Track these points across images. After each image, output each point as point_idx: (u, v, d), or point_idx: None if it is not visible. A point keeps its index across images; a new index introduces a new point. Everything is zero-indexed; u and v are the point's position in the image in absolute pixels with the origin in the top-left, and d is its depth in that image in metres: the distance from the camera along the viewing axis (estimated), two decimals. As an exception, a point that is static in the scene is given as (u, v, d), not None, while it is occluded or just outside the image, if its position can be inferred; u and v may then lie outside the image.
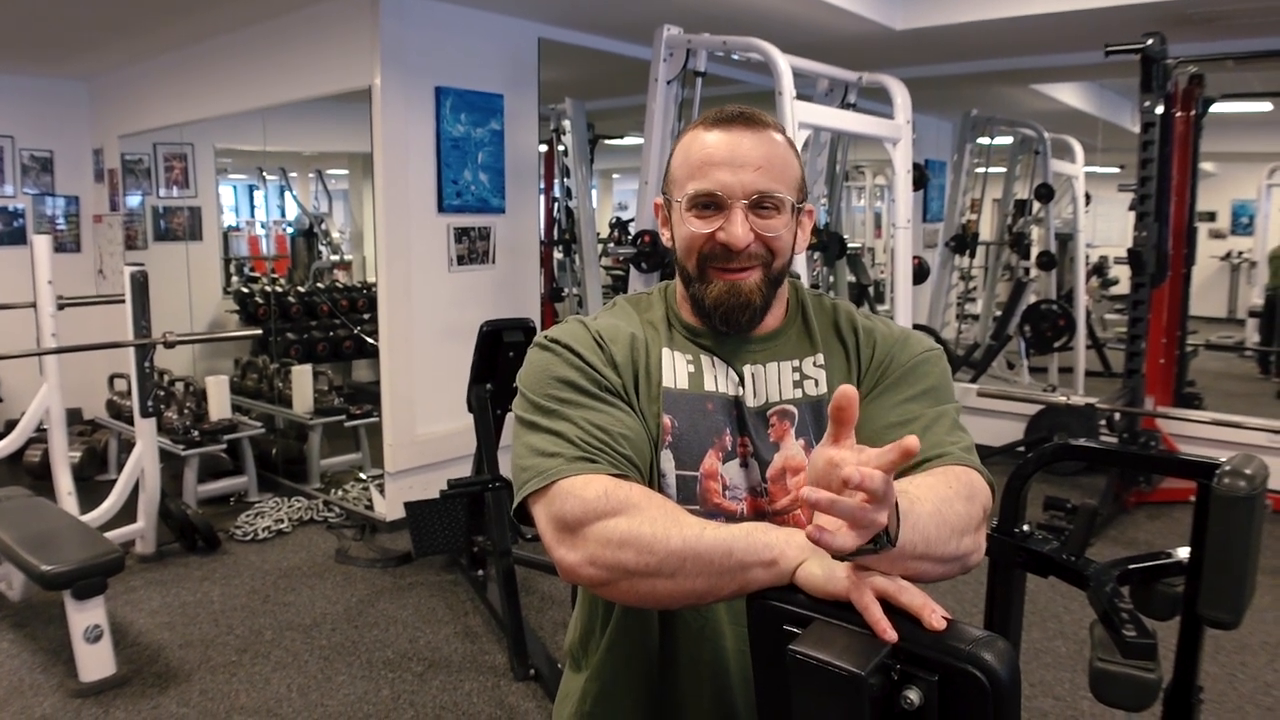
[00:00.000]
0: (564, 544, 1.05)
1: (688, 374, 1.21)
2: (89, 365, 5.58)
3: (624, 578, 1.02)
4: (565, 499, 1.05)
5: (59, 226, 6.63)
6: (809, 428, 1.19)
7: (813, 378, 1.22)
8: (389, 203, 4.49)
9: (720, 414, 1.19)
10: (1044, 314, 6.74)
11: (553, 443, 1.10)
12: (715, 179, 1.15)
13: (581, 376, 1.15)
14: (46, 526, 3.51)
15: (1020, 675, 0.90)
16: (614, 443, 1.11)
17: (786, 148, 1.18)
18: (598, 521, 1.03)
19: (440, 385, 4.65)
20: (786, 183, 1.16)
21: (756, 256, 1.16)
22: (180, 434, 5.06)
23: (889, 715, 0.88)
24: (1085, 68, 5.85)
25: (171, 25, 5.01)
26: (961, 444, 1.13)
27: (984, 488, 1.10)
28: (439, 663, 3.40)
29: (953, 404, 1.20)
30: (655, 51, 4.34)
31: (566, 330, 1.21)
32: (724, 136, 1.16)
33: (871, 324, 1.26)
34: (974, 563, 1.07)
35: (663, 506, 1.06)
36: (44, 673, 3.31)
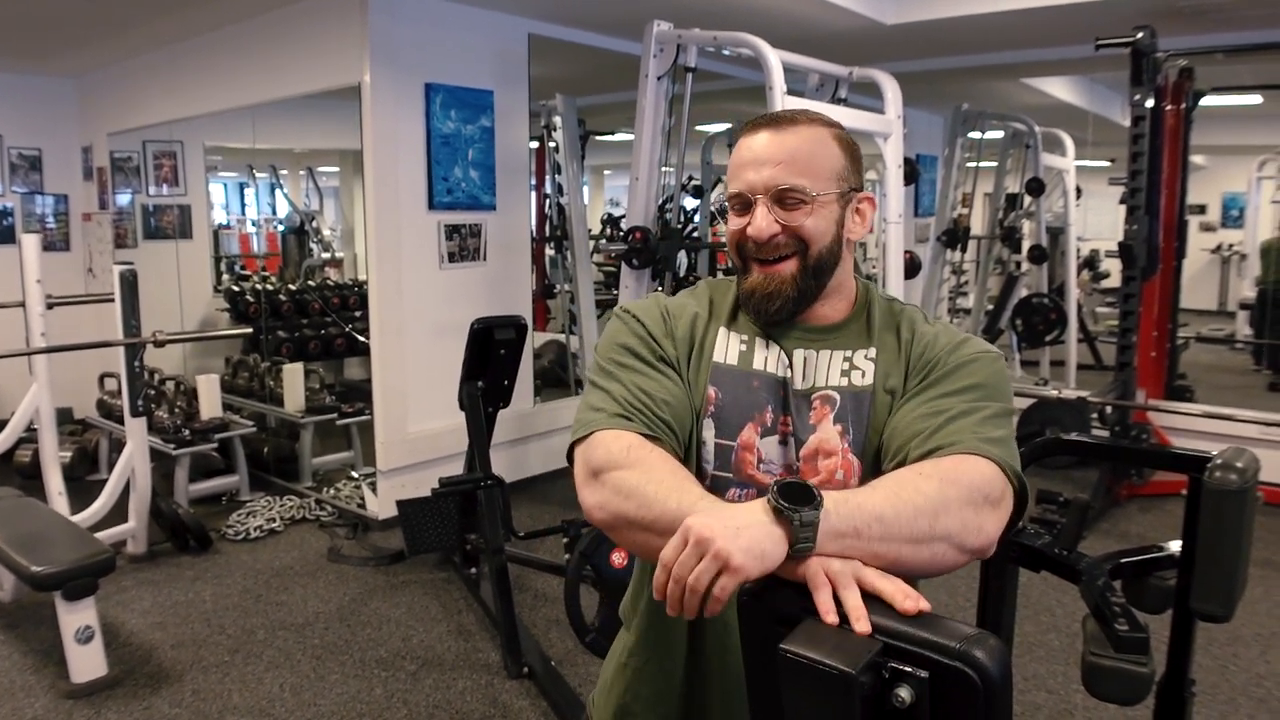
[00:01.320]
0: (587, 486, 1.17)
1: (739, 352, 1.29)
2: (79, 364, 5.55)
3: (625, 526, 1.12)
4: (596, 448, 1.18)
5: (48, 225, 6.60)
6: (848, 414, 1.23)
7: (860, 369, 1.25)
8: (379, 200, 4.47)
9: (765, 392, 1.26)
10: (1035, 308, 6.76)
11: (602, 399, 1.23)
12: (743, 179, 1.23)
13: (641, 345, 1.28)
14: (37, 527, 3.49)
15: (1012, 671, 0.90)
16: (655, 406, 1.21)
17: (820, 141, 1.23)
18: (616, 471, 1.14)
19: (432, 383, 4.64)
20: (814, 174, 1.21)
21: (787, 246, 1.23)
22: (171, 433, 5.04)
23: (880, 713, 0.88)
24: (1076, 61, 5.86)
25: (160, 22, 4.99)
26: (984, 435, 1.13)
27: (982, 470, 1.09)
28: (432, 661, 3.39)
29: (996, 404, 1.18)
30: (645, 47, 4.33)
31: (642, 305, 1.35)
32: (755, 139, 1.24)
33: (933, 329, 1.28)
34: (976, 544, 1.07)
35: (674, 472, 1.13)
36: (35, 674, 3.29)
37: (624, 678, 1.37)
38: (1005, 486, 1.11)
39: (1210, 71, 5.48)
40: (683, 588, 0.97)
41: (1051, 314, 6.66)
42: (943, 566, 1.06)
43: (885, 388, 1.24)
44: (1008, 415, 1.20)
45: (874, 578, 0.96)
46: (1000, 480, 1.10)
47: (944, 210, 6.98)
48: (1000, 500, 1.10)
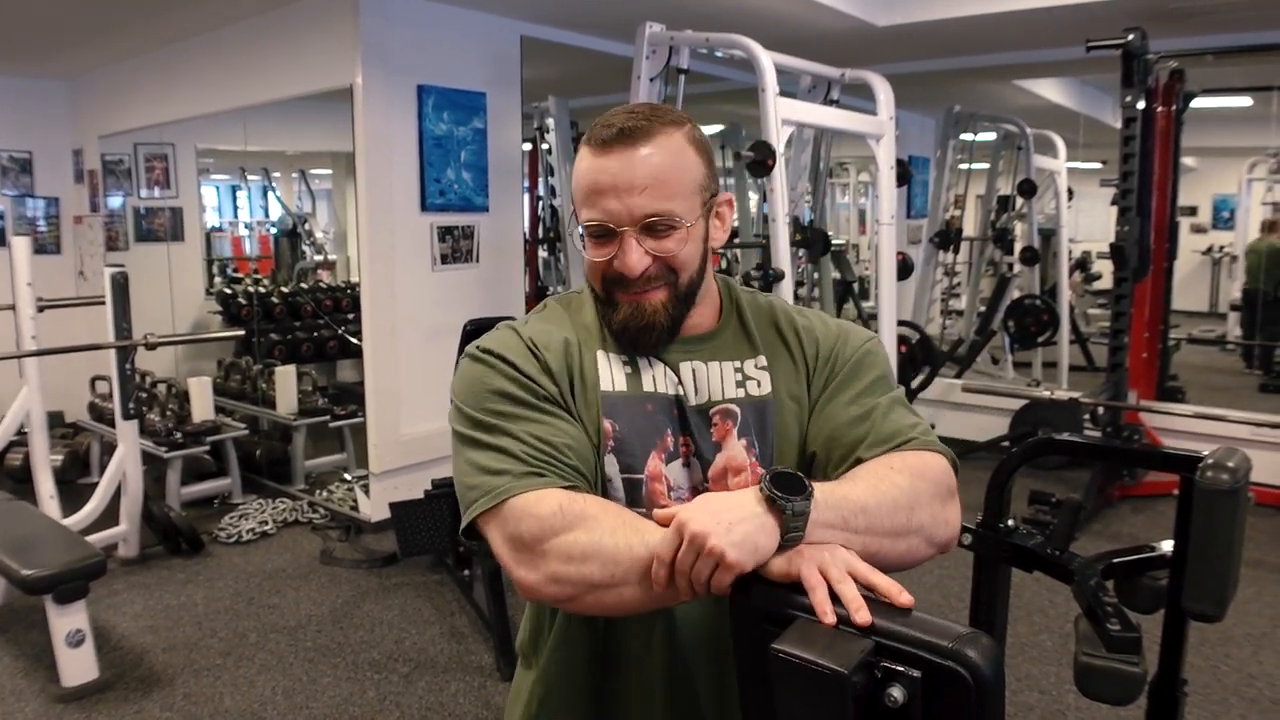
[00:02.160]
0: (523, 564, 1.04)
1: (625, 375, 1.19)
2: (71, 368, 5.53)
3: (588, 591, 1.02)
4: (520, 518, 1.04)
5: (39, 228, 6.58)
6: (751, 428, 1.18)
7: (755, 379, 1.21)
8: (371, 202, 4.47)
9: (661, 414, 1.18)
10: (1027, 309, 6.78)
11: (497, 459, 1.09)
12: (603, 208, 1.11)
13: (518, 387, 1.13)
14: (27, 530, 3.48)
15: (1004, 671, 0.90)
16: (559, 454, 1.10)
17: (679, 152, 1.13)
18: (556, 538, 1.02)
19: (425, 385, 4.63)
20: (682, 195, 1.12)
21: (658, 277, 1.14)
22: (163, 436, 5.02)
23: (873, 713, 0.88)
24: (1067, 63, 5.88)
25: (152, 24, 4.97)
26: (919, 427, 1.17)
27: (940, 464, 1.13)
28: (425, 663, 3.39)
29: (897, 390, 1.23)
30: (638, 49, 4.33)
31: (498, 339, 1.19)
32: (607, 161, 1.11)
33: (809, 321, 1.26)
34: (944, 537, 1.09)
35: (619, 515, 1.06)
36: (26, 678, 3.28)
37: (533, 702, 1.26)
38: (954, 478, 1.14)
39: (1201, 73, 5.50)
40: (687, 579, 0.96)
41: (1043, 315, 6.67)
42: (915, 560, 1.07)
43: (789, 395, 1.20)
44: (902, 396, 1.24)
45: (867, 572, 0.96)
46: (952, 470, 1.14)
47: (936, 212, 6.99)
48: (955, 491, 1.13)
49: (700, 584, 0.95)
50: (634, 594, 1.01)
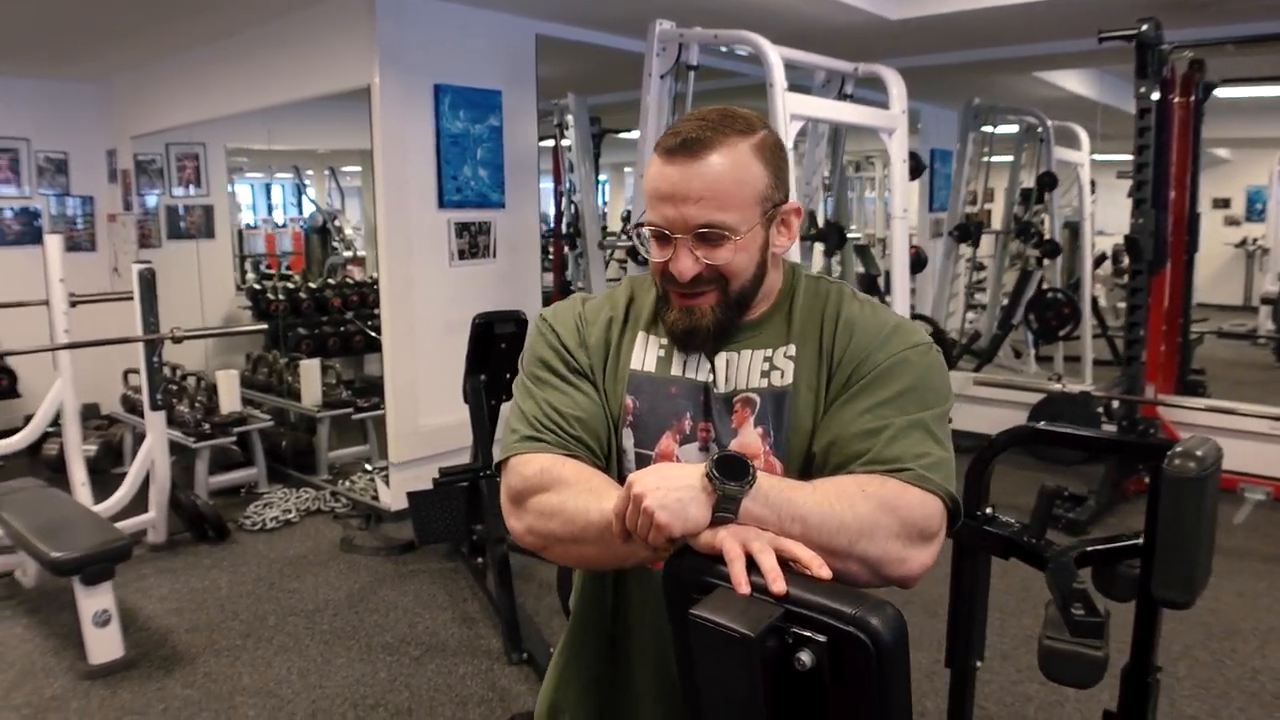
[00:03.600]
0: (511, 514, 1.22)
1: (657, 358, 1.28)
2: (105, 361, 5.69)
3: (555, 544, 1.17)
4: (512, 474, 1.22)
5: (75, 226, 6.77)
6: (768, 416, 1.22)
7: (780, 369, 1.24)
8: (390, 199, 4.57)
9: (684, 398, 1.25)
10: (1049, 303, 6.74)
11: (518, 419, 1.26)
12: (661, 214, 1.18)
13: (555, 357, 1.29)
14: (58, 516, 3.62)
15: (907, 639, 0.95)
16: (565, 423, 1.23)
17: (740, 164, 1.16)
18: (534, 495, 1.18)
19: (443, 377, 4.72)
20: (738, 205, 1.16)
21: (709, 282, 1.19)
22: (192, 427, 5.17)
23: (784, 676, 0.94)
24: (1085, 54, 5.84)
25: (179, 28, 5.11)
26: (926, 460, 1.12)
27: (922, 503, 1.10)
28: (436, 647, 3.48)
29: (933, 409, 1.17)
30: (648, 46, 4.39)
31: (559, 309, 1.35)
32: (669, 169, 1.16)
33: (858, 315, 1.24)
34: (896, 574, 1.09)
35: (589, 482, 1.16)
36: (55, 656, 3.42)
37: (554, 674, 1.42)
38: (943, 519, 1.12)
39: (1225, 63, 5.45)
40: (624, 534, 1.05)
41: (1065, 309, 6.64)
42: (856, 583, 1.07)
43: (807, 386, 1.22)
44: (944, 417, 1.19)
45: (790, 545, 1.01)
46: (939, 515, 1.12)
47: (956, 205, 6.98)
48: (936, 534, 1.11)
49: (642, 538, 1.04)
50: (591, 551, 1.14)
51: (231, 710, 3.06)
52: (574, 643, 1.40)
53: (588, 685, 1.38)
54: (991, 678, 3.23)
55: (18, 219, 6.50)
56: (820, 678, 0.93)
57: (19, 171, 6.47)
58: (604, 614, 1.34)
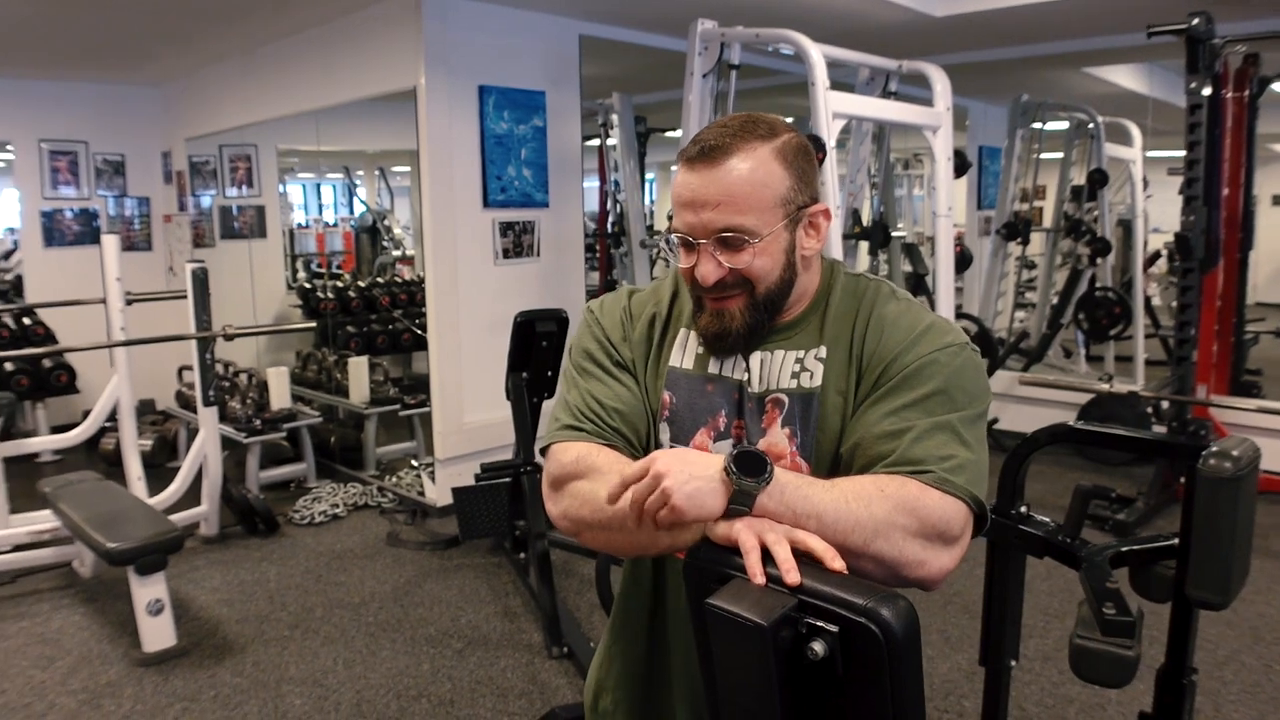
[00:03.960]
0: (549, 498, 1.27)
1: (695, 355, 1.31)
2: (161, 359, 5.84)
3: (585, 529, 1.22)
4: (552, 460, 1.27)
5: (132, 227, 6.95)
6: (795, 418, 1.24)
7: (810, 370, 1.25)
8: (435, 199, 4.64)
9: (719, 396, 1.28)
10: (1099, 301, 6.64)
11: (561, 408, 1.32)
12: (684, 220, 1.20)
13: (599, 350, 1.34)
14: (114, 508, 3.73)
15: (918, 632, 0.96)
16: (604, 414, 1.28)
17: (760, 169, 1.17)
18: (570, 482, 1.23)
19: (487, 375, 4.78)
20: (757, 210, 1.18)
21: (735, 286, 1.21)
22: (243, 423, 5.29)
23: (798, 665, 0.97)
24: (1136, 49, 5.74)
25: (232, 32, 5.24)
26: (950, 463, 1.12)
27: (943, 506, 1.09)
28: (478, 640, 3.54)
29: (963, 411, 1.17)
30: (690, 46, 4.41)
31: (607, 301, 1.40)
32: (691, 177, 1.19)
33: (891, 314, 1.24)
34: (914, 576, 1.09)
35: (621, 471, 1.17)
36: (110, 643, 3.53)
37: (600, 655, 1.48)
38: (966, 522, 1.12)
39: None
40: (639, 509, 1.08)
41: (1116, 308, 6.54)
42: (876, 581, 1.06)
43: (836, 389, 1.23)
44: (975, 419, 1.18)
45: (804, 537, 1.03)
46: (962, 517, 1.11)
47: (1004, 203, 6.90)
48: (958, 538, 1.11)
49: (651, 515, 1.07)
50: (619, 538, 1.18)
51: (279, 699, 3.13)
52: (617, 626, 1.46)
53: (628, 666, 1.43)
54: (1033, 679, 3.20)
55: (77, 220, 6.71)
56: (834, 668, 0.95)
57: (78, 173, 6.67)
58: (644, 599, 1.39)
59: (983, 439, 1.19)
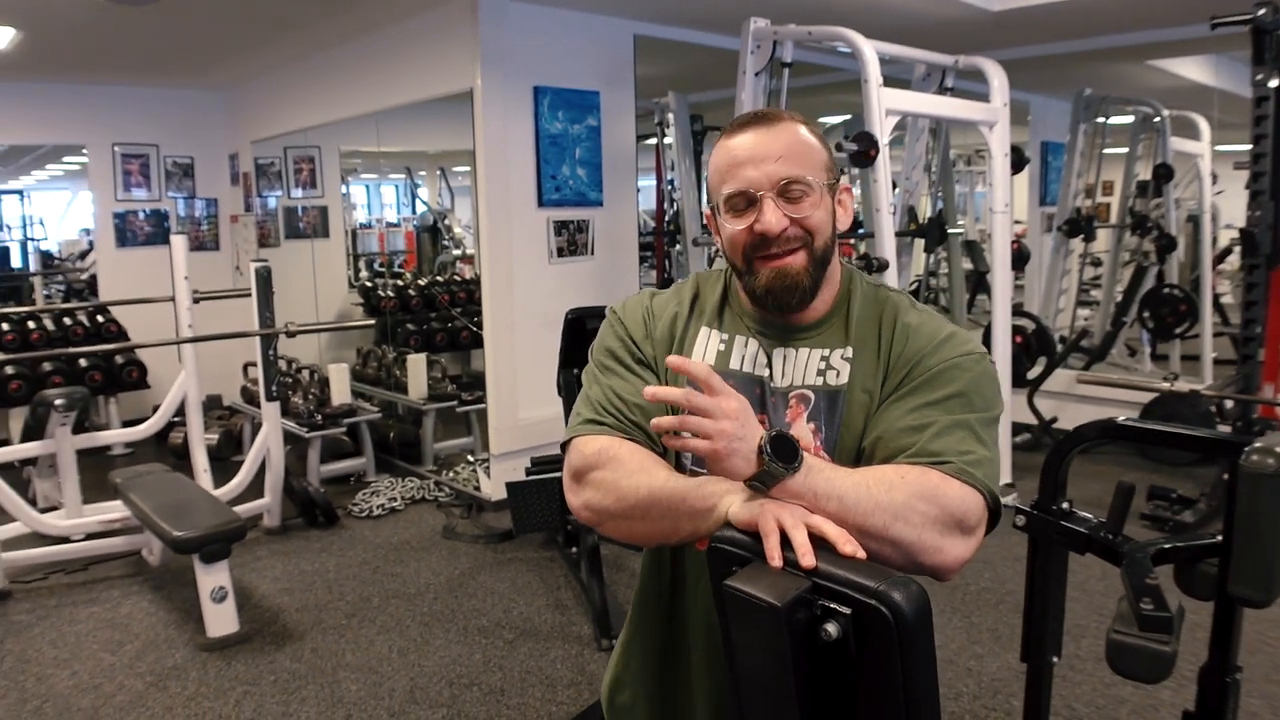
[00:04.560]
0: (571, 490, 1.29)
1: (716, 352, 1.35)
2: (228, 355, 6.02)
3: (608, 519, 1.24)
4: (574, 453, 1.29)
5: (201, 227, 7.17)
6: (821, 414, 1.27)
7: (836, 369, 1.28)
8: (491, 198, 4.72)
9: (741, 391, 1.28)
10: (1164, 299, 6.50)
11: (583, 404, 1.34)
12: (742, 177, 1.24)
13: (621, 348, 1.37)
14: (180, 498, 3.87)
15: (929, 615, 0.98)
16: (626, 409, 1.31)
17: (807, 134, 1.27)
18: (592, 472, 1.26)
19: (541, 372, 4.83)
20: (811, 166, 1.24)
21: (796, 239, 1.25)
22: (305, 418, 5.43)
23: (812, 646, 0.99)
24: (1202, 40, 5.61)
25: (296, 38, 5.39)
26: (969, 457, 1.16)
27: (961, 495, 1.13)
28: (529, 631, 3.60)
29: (981, 413, 1.21)
30: (743, 44, 4.44)
31: (629, 303, 1.43)
32: (743, 138, 1.25)
33: (917, 322, 1.28)
34: (931, 563, 1.11)
35: (641, 462, 1.24)
36: (177, 629, 3.67)
37: (619, 651, 1.51)
38: (983, 514, 1.15)
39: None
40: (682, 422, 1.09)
41: (1181, 306, 6.40)
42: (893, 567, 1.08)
43: (863, 388, 1.26)
44: (992, 424, 1.22)
45: (820, 522, 1.06)
46: (979, 508, 1.14)
47: (1066, 199, 6.79)
48: (975, 528, 1.14)
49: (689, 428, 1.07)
50: (640, 527, 1.22)
51: (335, 684, 3.23)
52: (636, 620, 1.48)
53: (647, 660, 1.45)
54: (1084, 679, 3.17)
55: (149, 220, 6.94)
56: (847, 649, 0.98)
57: (149, 176, 6.91)
58: (662, 592, 1.41)
59: (996, 442, 1.23)
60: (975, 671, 3.25)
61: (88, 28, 4.90)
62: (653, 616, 1.43)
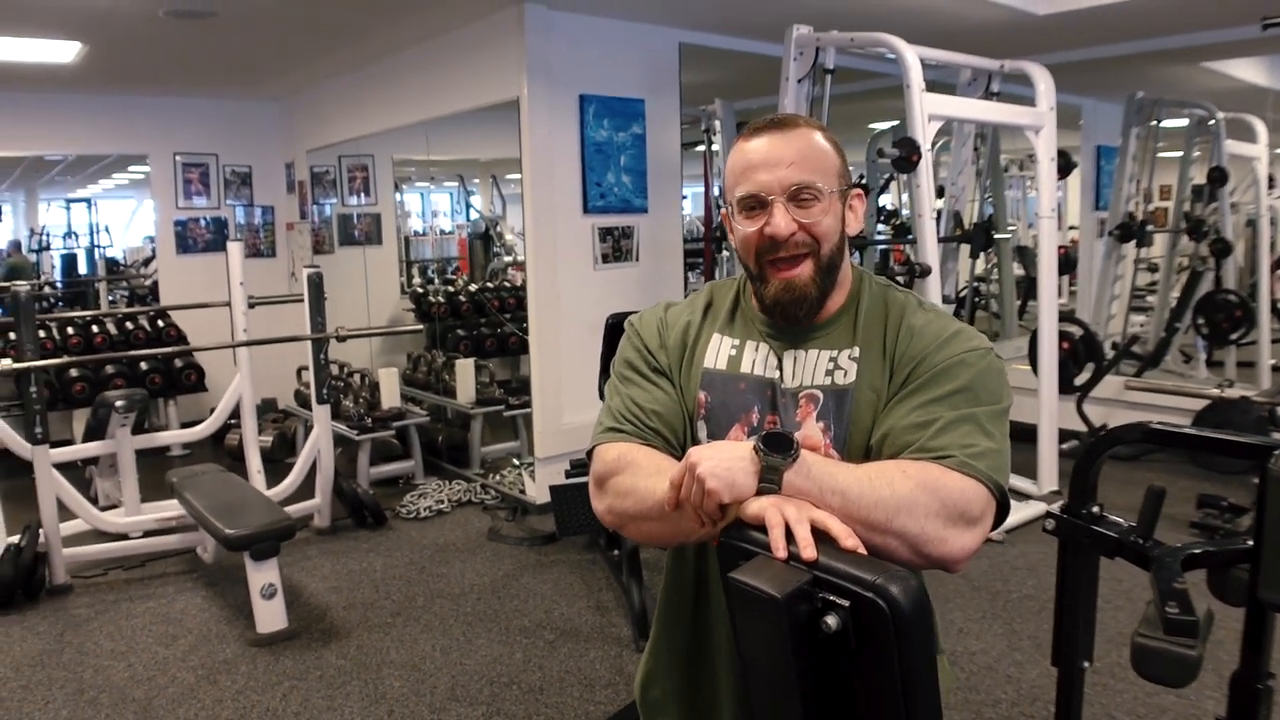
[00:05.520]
0: (595, 495, 1.35)
1: (728, 357, 1.39)
2: (283, 359, 6.15)
3: (629, 521, 1.30)
4: (596, 460, 1.36)
5: (258, 234, 7.37)
6: (830, 413, 1.30)
7: (844, 369, 1.31)
8: (536, 205, 4.79)
9: (752, 393, 1.35)
10: (1219, 305, 6.38)
11: (605, 413, 1.40)
12: (755, 181, 1.28)
13: (638, 358, 1.43)
14: (234, 497, 3.99)
15: (926, 608, 1.01)
16: (644, 416, 1.37)
17: (822, 141, 1.30)
18: (612, 478, 1.31)
19: (586, 377, 4.88)
20: (822, 172, 1.28)
21: (803, 245, 1.28)
22: (355, 421, 5.54)
23: (813, 637, 1.03)
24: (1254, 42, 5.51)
25: (350, 49, 5.52)
26: (972, 449, 1.18)
27: (963, 487, 1.15)
28: (570, 632, 3.65)
29: (988, 406, 1.23)
30: (786, 51, 4.46)
31: (645, 315, 1.48)
32: (759, 142, 1.29)
33: (923, 322, 1.31)
34: (937, 554, 1.13)
35: (658, 465, 1.29)
36: (228, 624, 3.78)
37: (649, 649, 1.55)
38: (987, 505, 1.17)
39: None
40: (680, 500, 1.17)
41: (1237, 311, 6.27)
42: (897, 560, 1.10)
43: (870, 387, 1.29)
44: (999, 416, 1.24)
45: (823, 517, 1.09)
46: (983, 499, 1.16)
47: (1118, 203, 6.69)
48: (979, 519, 1.16)
49: (694, 504, 1.15)
50: (658, 527, 1.26)
51: (379, 681, 3.31)
52: (663, 619, 1.52)
53: (674, 657, 1.49)
54: (1126, 687, 3.14)
55: (209, 228, 7.14)
56: (847, 641, 1.01)
57: (209, 184, 7.11)
58: (686, 591, 1.45)
59: (1005, 434, 1.24)
60: (1015, 679, 3.24)
61: (149, 41, 5.07)
62: (678, 614, 1.47)
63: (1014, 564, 4.21)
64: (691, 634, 1.46)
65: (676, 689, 1.49)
